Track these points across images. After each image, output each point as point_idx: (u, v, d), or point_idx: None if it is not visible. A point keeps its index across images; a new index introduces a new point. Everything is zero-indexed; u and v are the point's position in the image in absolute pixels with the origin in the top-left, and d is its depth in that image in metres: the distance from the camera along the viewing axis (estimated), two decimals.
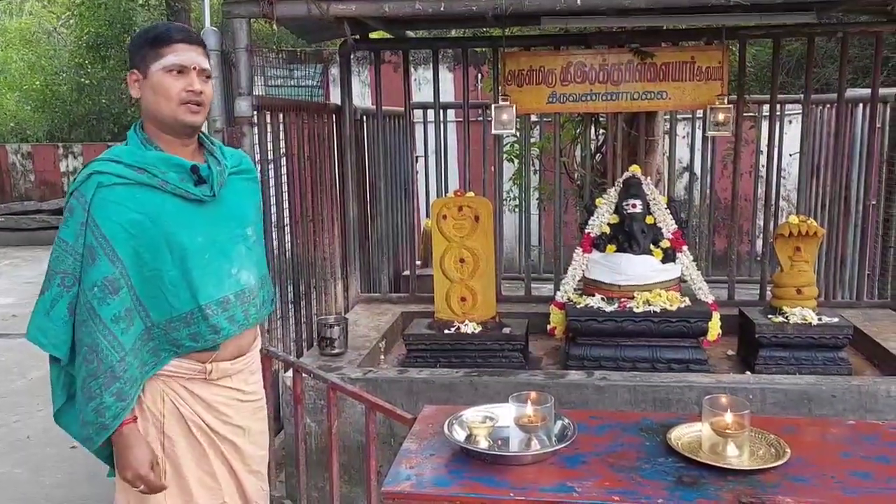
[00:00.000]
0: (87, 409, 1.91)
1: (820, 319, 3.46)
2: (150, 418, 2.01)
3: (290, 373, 3.06)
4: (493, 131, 4.01)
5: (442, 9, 3.22)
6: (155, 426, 2.01)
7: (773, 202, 5.10)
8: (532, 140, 5.64)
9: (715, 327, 3.54)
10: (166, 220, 1.94)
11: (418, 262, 5.29)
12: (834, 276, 4.56)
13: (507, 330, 3.60)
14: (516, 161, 5.79)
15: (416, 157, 4.91)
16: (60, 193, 13.07)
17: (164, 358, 1.99)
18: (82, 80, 14.82)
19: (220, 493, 2.11)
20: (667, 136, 5.04)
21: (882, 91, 4.25)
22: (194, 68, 1.96)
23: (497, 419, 1.89)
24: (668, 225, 3.63)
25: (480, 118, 6.17)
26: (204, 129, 2.23)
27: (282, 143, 3.71)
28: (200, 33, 3.19)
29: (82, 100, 14.96)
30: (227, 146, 2.23)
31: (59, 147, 13.73)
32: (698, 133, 5.59)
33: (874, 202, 4.52)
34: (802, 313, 3.49)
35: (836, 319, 3.47)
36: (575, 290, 3.74)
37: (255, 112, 3.35)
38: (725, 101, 3.90)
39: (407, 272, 5.11)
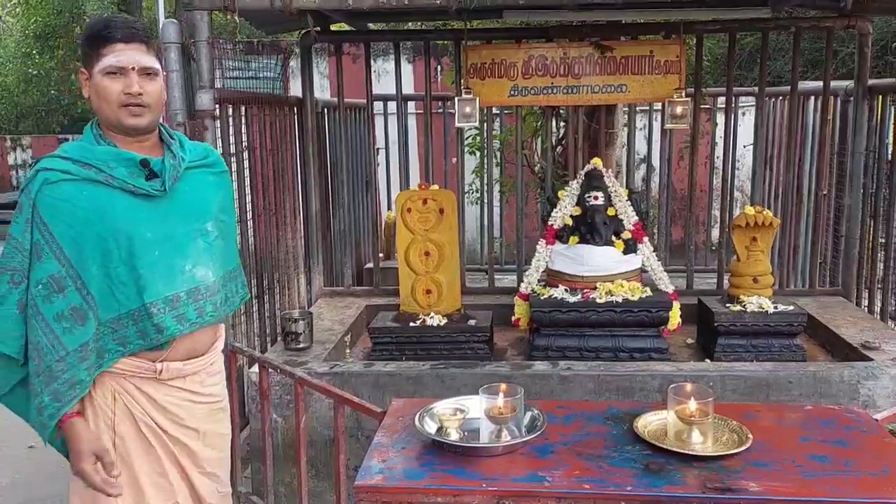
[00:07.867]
0: (33, 407, 1.92)
1: (775, 307, 3.55)
2: (101, 415, 2.00)
3: (255, 368, 3.04)
4: (457, 124, 4.02)
5: (406, 2, 3.22)
6: (106, 424, 2.00)
7: (728, 193, 5.21)
8: (494, 133, 5.66)
9: (675, 316, 3.61)
10: (114, 215, 1.92)
11: (381, 255, 5.28)
12: (788, 265, 4.68)
13: (472, 322, 3.63)
14: (478, 153, 5.82)
15: (377, 149, 4.90)
16: (9, 187, 12.73)
17: (109, 359, 1.96)
18: (30, 70, 14.44)
19: (172, 493, 2.09)
20: (626, 129, 5.10)
21: (833, 84, 4.36)
22: (133, 68, 1.91)
23: (467, 411, 1.91)
24: (629, 217, 3.68)
25: (441, 110, 6.20)
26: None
27: (243, 137, 3.67)
28: (161, 26, 3.16)
29: (30, 91, 14.58)
30: (190, 140, 2.20)
31: (6, 139, 13.37)
32: (655, 125, 5.68)
33: (825, 192, 4.65)
34: (759, 302, 3.58)
35: (790, 307, 3.56)
36: (539, 281, 3.78)
37: (217, 105, 3.31)
38: (683, 94, 3.97)
39: (370, 265, 5.10)
